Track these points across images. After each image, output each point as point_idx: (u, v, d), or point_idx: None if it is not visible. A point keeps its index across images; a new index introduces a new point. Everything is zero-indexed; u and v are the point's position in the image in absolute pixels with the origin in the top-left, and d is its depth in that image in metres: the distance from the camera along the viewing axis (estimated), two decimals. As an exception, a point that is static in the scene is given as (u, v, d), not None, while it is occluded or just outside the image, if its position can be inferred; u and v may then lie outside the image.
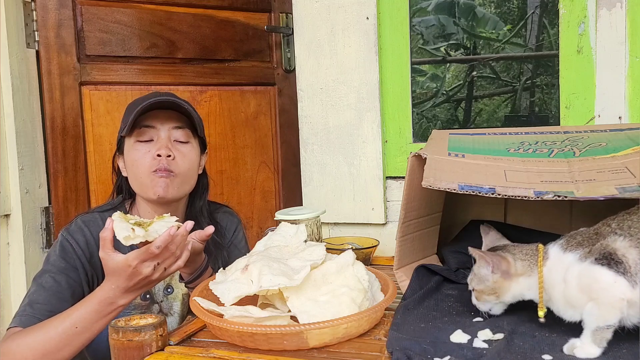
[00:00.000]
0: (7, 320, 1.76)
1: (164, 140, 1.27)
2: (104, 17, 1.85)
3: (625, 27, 1.42)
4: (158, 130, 1.28)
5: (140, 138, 1.27)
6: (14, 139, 1.74)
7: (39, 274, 1.22)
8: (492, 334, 0.86)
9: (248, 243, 1.49)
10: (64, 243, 1.24)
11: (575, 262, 0.80)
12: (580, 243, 0.82)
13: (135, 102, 1.31)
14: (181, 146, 1.29)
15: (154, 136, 1.27)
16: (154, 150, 1.26)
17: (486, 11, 5.86)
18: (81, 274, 1.23)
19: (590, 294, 0.77)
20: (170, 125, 1.29)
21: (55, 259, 1.22)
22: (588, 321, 0.78)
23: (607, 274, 0.76)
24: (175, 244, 1.05)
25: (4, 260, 1.75)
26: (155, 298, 1.32)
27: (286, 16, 2.10)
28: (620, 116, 1.45)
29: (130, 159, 1.29)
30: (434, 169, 0.97)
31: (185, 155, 1.29)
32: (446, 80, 6.04)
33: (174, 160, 1.26)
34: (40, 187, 1.84)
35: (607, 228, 0.82)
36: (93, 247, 1.25)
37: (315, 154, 1.71)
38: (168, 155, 1.25)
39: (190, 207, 1.37)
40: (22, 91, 1.77)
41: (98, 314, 1.08)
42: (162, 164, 1.25)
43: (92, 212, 1.31)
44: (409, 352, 0.80)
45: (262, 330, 0.84)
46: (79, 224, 1.27)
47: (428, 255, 1.20)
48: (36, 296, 1.17)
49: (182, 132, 1.30)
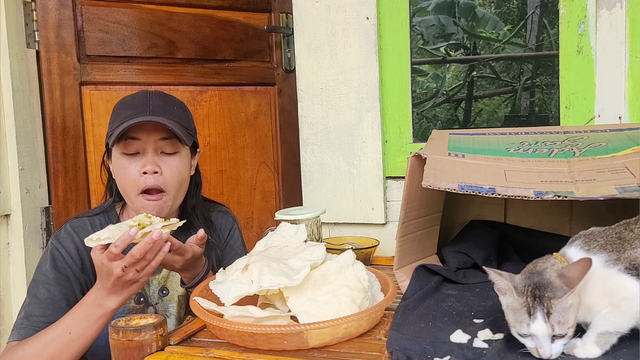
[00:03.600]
0: (6, 320, 1.76)
1: (150, 155, 1.22)
2: (104, 17, 1.85)
3: (625, 27, 1.42)
4: (144, 143, 1.22)
5: (126, 150, 1.22)
6: (14, 139, 1.74)
7: (32, 284, 1.22)
8: (492, 334, 0.86)
9: (246, 243, 1.48)
10: (54, 252, 1.23)
11: (601, 267, 0.78)
12: (603, 247, 0.80)
13: (123, 106, 1.26)
14: (169, 159, 1.24)
15: (140, 149, 1.22)
16: (139, 166, 1.21)
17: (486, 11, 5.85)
18: (74, 283, 1.22)
19: (612, 300, 0.77)
20: (156, 137, 1.22)
21: (46, 269, 1.21)
22: (599, 324, 0.77)
23: (635, 284, 0.76)
24: (141, 248, 1.02)
25: (4, 260, 1.75)
26: (150, 301, 1.31)
27: (286, 16, 2.10)
28: (620, 116, 1.45)
29: (117, 172, 1.25)
30: (434, 169, 0.97)
31: (173, 169, 1.24)
32: (446, 80, 6.04)
33: (161, 176, 1.22)
34: (41, 187, 1.84)
35: (630, 233, 0.81)
36: (83, 253, 1.24)
37: (315, 154, 1.71)
38: (155, 171, 1.21)
39: (183, 206, 1.35)
40: (22, 91, 1.77)
41: (88, 318, 1.08)
42: (149, 182, 1.21)
43: (82, 217, 1.30)
44: (409, 352, 0.80)
45: (262, 330, 0.84)
46: (68, 230, 1.26)
47: (428, 255, 1.20)
48: (32, 308, 1.17)
49: (169, 143, 1.24)
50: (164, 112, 1.24)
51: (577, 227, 1.25)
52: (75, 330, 1.09)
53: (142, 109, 1.23)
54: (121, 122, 1.21)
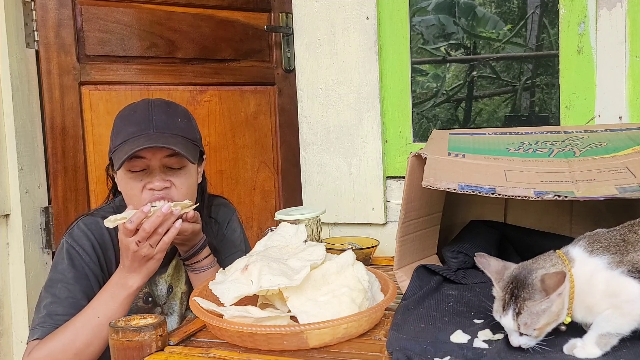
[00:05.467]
0: (6, 320, 1.76)
1: (157, 172, 1.20)
2: (104, 17, 1.85)
3: (625, 26, 1.42)
4: (150, 161, 1.20)
5: (132, 168, 1.20)
6: (14, 139, 1.73)
7: (50, 283, 1.21)
8: (492, 334, 0.86)
9: (246, 235, 1.48)
10: (70, 251, 1.23)
11: (604, 269, 0.78)
12: (606, 248, 0.80)
13: (125, 121, 1.23)
14: (176, 174, 1.23)
15: (145, 166, 1.20)
16: (147, 184, 1.20)
17: (486, 11, 5.85)
18: (92, 281, 1.22)
19: (615, 302, 0.77)
20: (161, 155, 1.20)
21: (64, 268, 1.21)
22: (601, 325, 0.77)
23: (637, 287, 0.76)
24: (152, 222, 1.09)
25: (4, 260, 1.75)
26: (158, 301, 1.32)
27: (286, 16, 2.10)
28: (621, 116, 1.45)
29: (123, 190, 1.24)
30: (434, 169, 0.97)
31: (182, 184, 1.23)
32: (446, 80, 6.03)
33: (170, 190, 1.21)
34: (40, 187, 1.84)
35: (634, 235, 0.81)
36: (99, 250, 1.25)
37: (315, 154, 1.71)
38: (163, 187, 1.20)
39: None
40: (21, 91, 1.77)
41: (115, 299, 1.13)
42: (158, 195, 1.20)
43: (94, 215, 1.29)
44: (409, 352, 0.80)
45: (262, 330, 0.84)
46: (82, 227, 1.26)
47: (428, 255, 1.20)
48: (54, 307, 1.17)
49: (175, 159, 1.22)
50: (167, 126, 1.22)
51: (577, 227, 1.25)
52: (103, 312, 1.12)
53: (145, 126, 1.21)
54: (123, 139, 1.20)
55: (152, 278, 1.29)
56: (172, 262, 1.33)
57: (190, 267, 1.27)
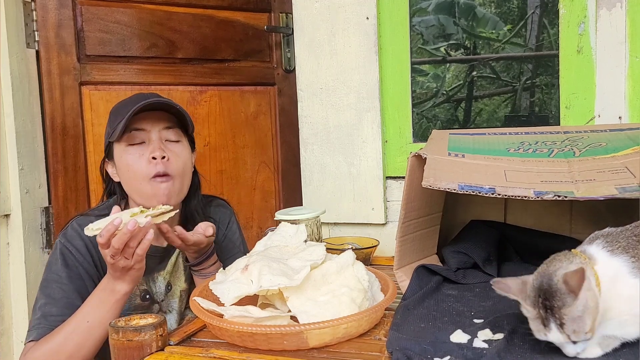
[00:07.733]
0: (6, 320, 1.76)
1: (156, 142, 1.25)
2: (104, 17, 1.85)
3: (625, 27, 1.42)
4: (149, 132, 1.25)
5: (131, 142, 1.25)
6: (14, 139, 1.74)
7: (45, 283, 1.22)
8: (492, 334, 0.86)
9: (246, 243, 1.48)
10: (64, 251, 1.23)
11: (628, 274, 0.75)
12: (625, 249, 0.77)
13: (121, 106, 1.29)
14: (173, 146, 1.28)
15: (145, 138, 1.25)
16: (147, 153, 1.23)
17: (486, 11, 5.85)
18: (86, 280, 1.23)
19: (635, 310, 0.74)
20: (161, 126, 1.27)
21: (57, 268, 1.22)
22: (609, 328, 0.76)
23: None
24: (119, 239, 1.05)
25: (4, 260, 1.75)
26: (156, 298, 1.32)
27: (286, 16, 2.10)
28: (620, 116, 1.45)
29: (124, 164, 1.26)
30: (434, 169, 0.97)
31: (179, 155, 1.28)
32: (446, 80, 6.03)
33: (168, 162, 1.25)
34: (40, 187, 1.84)
35: None
36: (92, 249, 1.25)
37: (315, 154, 1.71)
38: (163, 156, 1.23)
39: (186, 207, 1.36)
40: (22, 91, 1.77)
41: (104, 304, 1.12)
42: (159, 168, 1.23)
43: (88, 215, 1.30)
44: (409, 352, 0.80)
45: (262, 330, 0.84)
46: (75, 228, 1.26)
47: (428, 255, 1.20)
48: (49, 308, 1.18)
49: (173, 131, 1.28)
50: (163, 102, 1.28)
51: (577, 227, 1.25)
52: (93, 317, 1.12)
53: (141, 98, 1.26)
54: (120, 119, 1.23)
55: (150, 275, 1.30)
56: (170, 259, 1.33)
57: (198, 273, 1.28)
